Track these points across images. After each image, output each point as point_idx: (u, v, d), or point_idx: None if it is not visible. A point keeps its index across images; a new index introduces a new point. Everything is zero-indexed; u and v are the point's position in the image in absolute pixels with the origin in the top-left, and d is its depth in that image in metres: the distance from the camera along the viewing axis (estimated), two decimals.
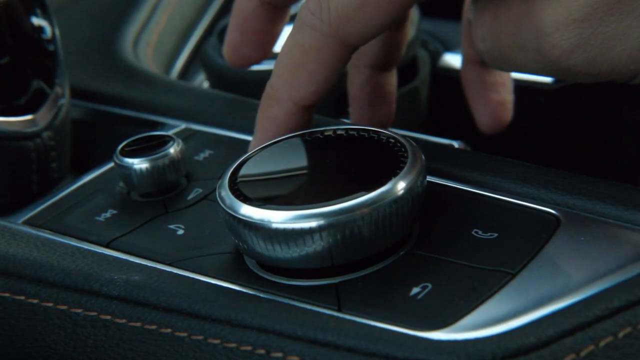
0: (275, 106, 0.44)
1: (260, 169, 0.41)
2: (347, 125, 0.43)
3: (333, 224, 0.37)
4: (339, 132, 0.42)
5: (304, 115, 0.44)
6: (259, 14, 0.50)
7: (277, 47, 0.49)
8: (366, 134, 0.42)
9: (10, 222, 0.47)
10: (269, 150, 0.42)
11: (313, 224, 0.37)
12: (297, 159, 0.42)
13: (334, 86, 0.44)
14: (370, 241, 0.38)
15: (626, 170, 0.58)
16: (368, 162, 0.40)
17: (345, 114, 0.55)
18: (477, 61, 0.53)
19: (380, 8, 0.41)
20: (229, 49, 0.51)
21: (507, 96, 0.55)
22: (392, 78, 0.53)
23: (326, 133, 0.42)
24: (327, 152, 0.42)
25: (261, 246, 0.38)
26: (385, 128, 0.47)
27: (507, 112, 0.55)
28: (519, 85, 0.58)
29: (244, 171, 0.41)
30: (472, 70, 0.54)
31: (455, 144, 0.50)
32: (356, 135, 0.42)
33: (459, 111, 0.57)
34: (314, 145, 0.42)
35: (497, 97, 0.55)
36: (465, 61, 0.55)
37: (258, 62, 0.51)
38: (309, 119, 0.45)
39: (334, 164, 0.41)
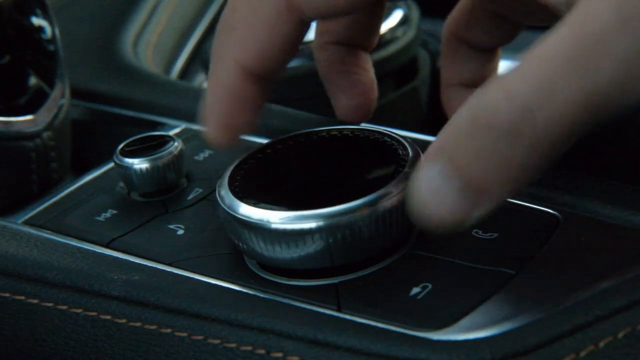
0: (219, 68, 0.41)
1: (260, 169, 0.41)
2: (347, 125, 0.43)
3: (333, 225, 0.37)
4: (339, 132, 0.42)
5: (252, 85, 0.40)
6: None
7: None
8: (367, 134, 0.42)
9: (10, 222, 0.47)
10: (270, 150, 0.42)
11: (313, 224, 0.37)
12: (297, 159, 0.42)
13: (285, 63, 0.40)
14: (370, 242, 0.38)
15: (626, 170, 0.58)
16: (368, 162, 0.40)
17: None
18: (459, 82, 0.51)
19: None
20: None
21: None
22: (365, 62, 0.49)
23: (326, 133, 0.42)
24: (328, 152, 0.42)
25: (260, 246, 0.38)
26: (365, 117, 0.46)
27: None
28: None
29: (243, 171, 0.41)
30: (454, 92, 0.51)
31: None
32: (357, 135, 0.42)
33: None
34: (315, 145, 0.42)
35: None
36: (445, 83, 0.51)
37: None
38: (260, 94, 0.41)
39: (335, 164, 0.41)
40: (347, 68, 0.48)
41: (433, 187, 0.34)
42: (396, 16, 0.61)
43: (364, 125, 0.43)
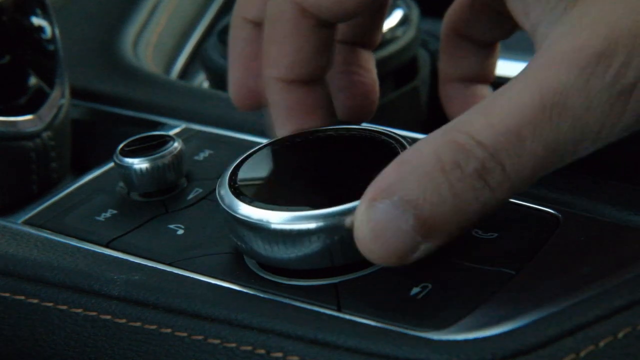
0: (267, 89, 0.43)
1: (260, 169, 0.41)
2: (347, 125, 0.43)
3: (333, 226, 0.37)
4: (339, 132, 0.42)
5: (300, 91, 0.42)
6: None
7: None
8: (366, 133, 0.42)
9: (10, 222, 0.47)
10: (270, 150, 0.42)
11: (313, 225, 0.37)
12: (297, 159, 0.42)
13: (322, 62, 0.42)
14: None
15: (626, 171, 0.58)
16: (368, 162, 0.40)
17: None
18: (458, 78, 0.51)
19: None
20: (239, 90, 0.46)
21: None
22: (368, 61, 0.50)
23: (327, 133, 0.42)
24: (328, 152, 0.42)
25: (260, 246, 0.38)
26: (366, 117, 0.46)
27: None
28: None
29: (243, 171, 0.41)
30: (453, 88, 0.52)
31: None
32: (356, 135, 0.42)
33: None
34: (314, 145, 0.42)
35: None
36: (443, 79, 0.52)
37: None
38: (316, 95, 0.43)
39: (335, 164, 0.41)
40: (349, 68, 0.48)
41: (383, 221, 0.35)
42: (396, 16, 0.61)
43: (364, 125, 0.43)
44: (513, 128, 0.34)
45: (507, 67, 0.63)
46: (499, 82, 0.55)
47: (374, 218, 0.35)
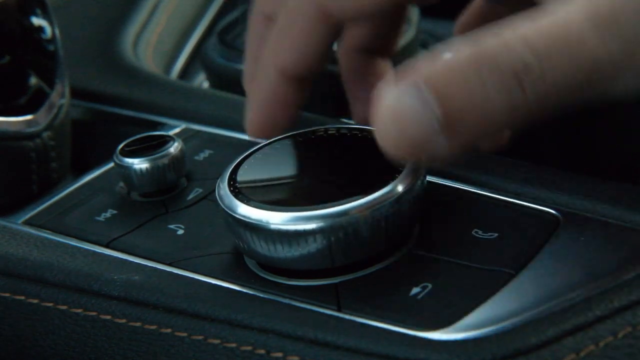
0: (261, 73, 0.43)
1: (260, 169, 0.41)
2: (348, 125, 0.43)
3: (333, 226, 0.37)
4: (340, 131, 0.42)
5: (291, 88, 0.43)
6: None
7: None
8: (367, 133, 0.42)
9: (10, 222, 0.47)
10: (270, 150, 0.42)
11: (313, 225, 0.37)
12: (297, 159, 0.42)
13: (322, 63, 0.43)
14: (370, 242, 0.38)
15: (626, 170, 0.58)
16: (368, 162, 0.40)
17: (345, 114, 0.55)
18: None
19: None
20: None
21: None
22: (384, 69, 0.51)
23: (327, 132, 0.42)
24: (328, 152, 0.42)
25: (260, 246, 0.38)
26: None
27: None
28: None
29: (243, 171, 0.41)
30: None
31: None
32: (356, 135, 0.42)
33: None
34: (315, 145, 0.42)
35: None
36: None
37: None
38: (300, 95, 0.44)
39: (334, 163, 0.41)
40: (366, 76, 0.49)
41: (406, 105, 0.33)
42: None
43: (363, 125, 0.43)
44: (562, 34, 0.33)
45: None
46: None
47: (397, 100, 0.33)
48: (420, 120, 0.33)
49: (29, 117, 0.49)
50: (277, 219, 0.37)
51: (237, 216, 0.38)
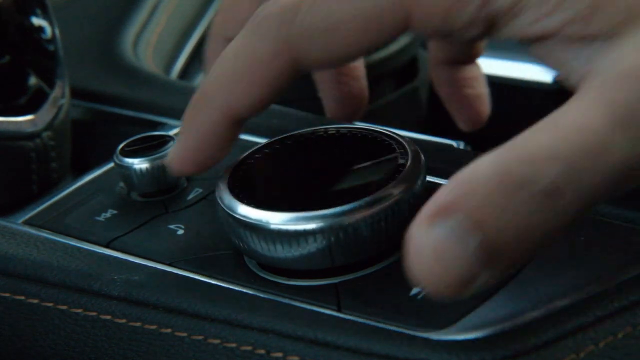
0: (203, 113, 0.39)
1: (260, 169, 0.41)
2: (348, 124, 0.43)
3: (333, 226, 0.37)
4: (340, 131, 0.42)
5: (231, 129, 0.39)
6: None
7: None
8: (366, 134, 0.42)
9: (10, 222, 0.47)
10: (269, 150, 0.42)
11: (313, 225, 0.37)
12: (296, 159, 0.42)
13: (269, 105, 0.39)
14: (370, 242, 0.38)
15: None
16: (368, 162, 0.40)
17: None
18: (446, 60, 0.53)
19: (351, 36, 0.36)
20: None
21: (482, 89, 0.54)
22: (357, 70, 0.51)
23: (327, 132, 0.42)
24: (327, 152, 0.42)
25: (260, 247, 0.38)
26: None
27: (485, 106, 0.54)
28: (519, 85, 0.58)
29: (243, 171, 0.41)
30: (442, 70, 0.53)
31: (455, 144, 0.50)
32: (356, 135, 0.42)
33: None
34: (314, 145, 0.42)
35: (472, 92, 0.54)
36: (433, 62, 0.54)
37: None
38: (235, 135, 0.40)
39: (334, 164, 0.41)
40: (340, 78, 0.49)
41: (447, 242, 0.30)
42: None
43: (363, 125, 0.43)
44: (587, 144, 0.30)
45: (504, 67, 0.63)
46: (496, 82, 0.56)
47: (437, 238, 0.30)
48: (463, 257, 0.30)
49: (29, 117, 0.49)
50: (277, 219, 0.37)
51: (237, 216, 0.38)
